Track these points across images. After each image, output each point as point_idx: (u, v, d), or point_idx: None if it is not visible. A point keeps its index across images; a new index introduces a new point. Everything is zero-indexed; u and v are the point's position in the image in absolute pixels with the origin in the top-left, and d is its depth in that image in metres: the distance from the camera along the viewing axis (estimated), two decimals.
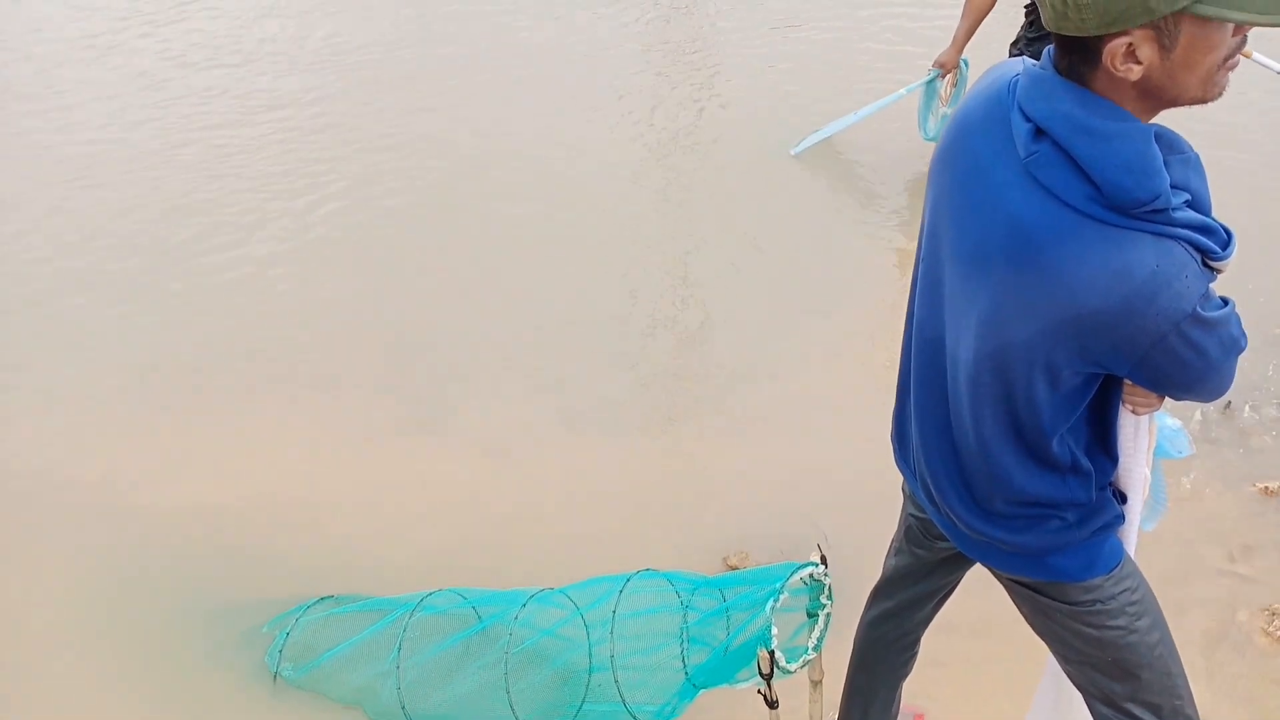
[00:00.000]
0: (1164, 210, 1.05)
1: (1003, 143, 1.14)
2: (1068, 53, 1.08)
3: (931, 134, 3.93)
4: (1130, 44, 1.02)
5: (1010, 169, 1.12)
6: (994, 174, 1.15)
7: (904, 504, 1.66)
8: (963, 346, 1.23)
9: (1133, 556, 1.44)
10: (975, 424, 1.26)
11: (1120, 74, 1.04)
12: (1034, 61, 1.16)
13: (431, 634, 2.19)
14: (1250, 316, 1.17)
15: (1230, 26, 1.01)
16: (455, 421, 2.95)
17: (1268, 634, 2.25)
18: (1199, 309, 1.07)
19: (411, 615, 2.17)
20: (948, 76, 3.79)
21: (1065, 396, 1.20)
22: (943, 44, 3.79)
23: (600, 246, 3.65)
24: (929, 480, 1.39)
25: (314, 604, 2.35)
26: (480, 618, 2.19)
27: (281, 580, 2.46)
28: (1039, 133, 1.10)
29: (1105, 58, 1.04)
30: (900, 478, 1.60)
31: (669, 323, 3.30)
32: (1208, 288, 1.09)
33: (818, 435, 2.84)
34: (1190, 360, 1.12)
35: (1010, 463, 1.27)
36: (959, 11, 3.60)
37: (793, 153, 4.07)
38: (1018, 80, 1.15)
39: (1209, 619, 2.29)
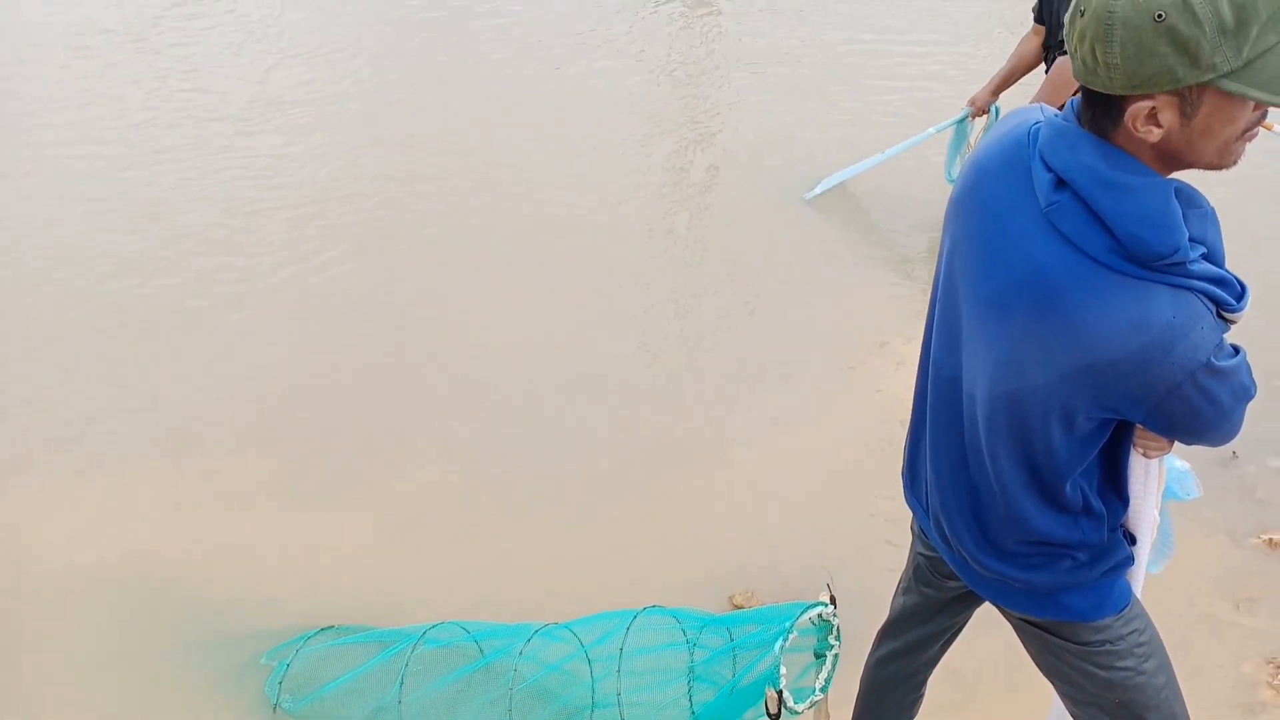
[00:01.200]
0: (1181, 263, 1.08)
1: (1023, 190, 1.16)
2: (1092, 106, 1.11)
3: (956, 176, 3.98)
4: (1153, 107, 1.05)
5: (1030, 217, 1.15)
6: (1014, 221, 1.17)
7: (913, 542, 1.67)
8: (980, 387, 1.25)
9: (1140, 599, 1.45)
10: (992, 463, 1.28)
11: (1140, 135, 1.07)
12: (1055, 111, 1.20)
13: (434, 668, 2.18)
14: (1256, 368, 1.21)
15: (1251, 103, 1.04)
16: (463, 453, 2.95)
17: (1272, 686, 2.24)
18: (1213, 359, 1.10)
19: (414, 648, 2.16)
20: (980, 119, 3.75)
21: (1080, 440, 1.22)
22: (964, 83, 3.79)
23: (607, 295, 3.69)
24: (942, 517, 1.40)
25: (315, 634, 2.34)
26: (484, 652, 2.18)
27: (281, 610, 2.45)
28: (1060, 183, 1.12)
29: (1128, 117, 1.07)
30: (909, 516, 1.61)
31: (671, 358, 3.33)
32: (1221, 338, 1.12)
33: (823, 474, 2.85)
34: (1203, 408, 1.14)
35: (1025, 503, 1.28)
36: (973, 51, 3.59)
37: (806, 198, 4.09)
38: (1039, 129, 1.18)
39: (1214, 671, 2.29)
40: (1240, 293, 1.13)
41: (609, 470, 2.88)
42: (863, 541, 2.57)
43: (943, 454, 1.37)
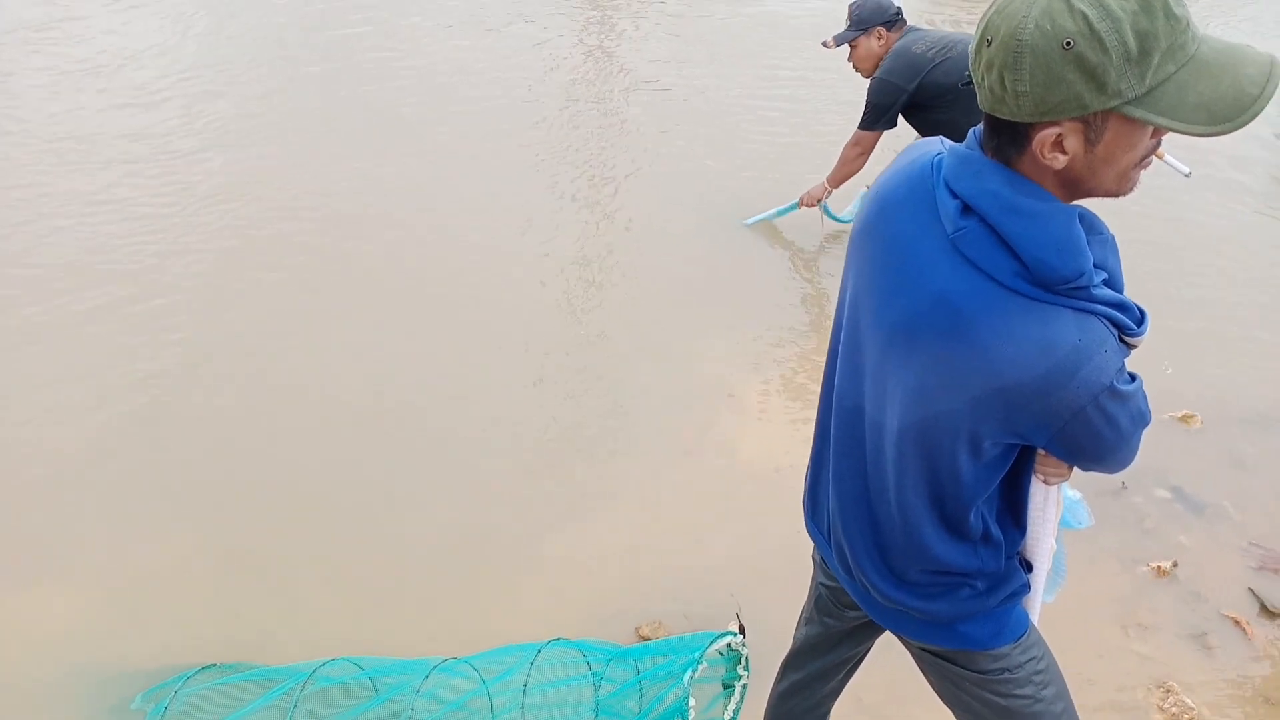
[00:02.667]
0: (1085, 288, 1.10)
1: (928, 218, 1.17)
2: (997, 134, 1.12)
3: (844, 215, 4.12)
4: (1059, 134, 1.06)
5: (936, 245, 1.15)
6: (919, 249, 1.18)
7: (814, 572, 1.66)
8: (887, 416, 1.25)
9: (1036, 627, 1.47)
10: (897, 493, 1.28)
11: (1046, 161, 1.09)
12: (953, 142, 1.22)
13: (326, 707, 2.06)
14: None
15: (1151, 129, 1.06)
16: (336, 481, 2.84)
17: (1163, 710, 2.31)
18: (1115, 383, 1.11)
19: (304, 687, 2.04)
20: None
21: (986, 467, 1.22)
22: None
23: (503, 315, 3.64)
24: (845, 546, 1.39)
25: (194, 674, 2.19)
26: (378, 690, 2.08)
27: (156, 648, 2.29)
28: (966, 209, 1.13)
29: (1034, 144, 1.08)
30: (810, 545, 1.60)
31: (568, 379, 3.29)
32: (1123, 362, 1.14)
33: (729, 502, 2.84)
34: (1104, 432, 1.15)
35: (928, 532, 1.28)
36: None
37: (747, 224, 4.22)
38: (941, 158, 1.19)
39: (1108, 697, 2.34)
40: (1140, 318, 1.15)
41: (503, 502, 2.81)
42: (768, 570, 2.56)
43: (845, 483, 1.36)
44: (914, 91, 3.44)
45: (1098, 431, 1.14)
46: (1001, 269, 1.10)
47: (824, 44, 3.76)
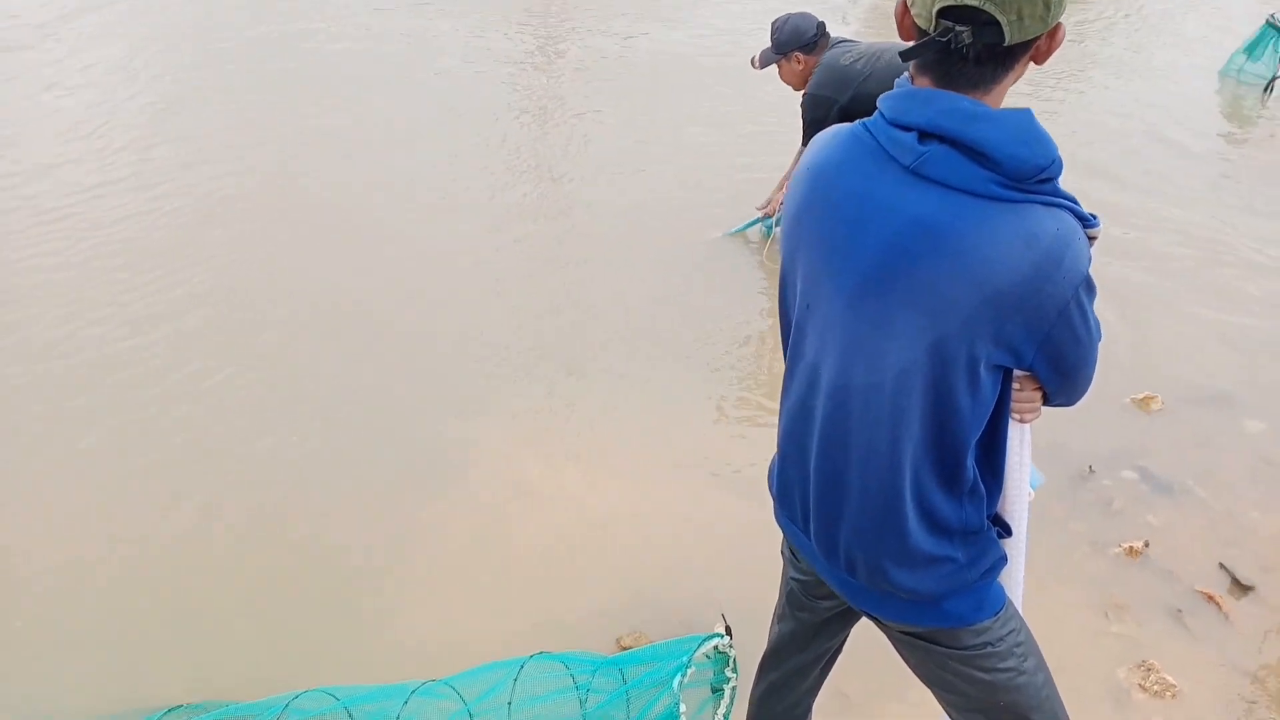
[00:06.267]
0: (1051, 180, 1.15)
1: (874, 166, 1.21)
2: (991, 64, 1.16)
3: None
4: (1052, 30, 1.15)
5: (894, 181, 1.19)
6: (876, 192, 1.20)
7: (784, 569, 1.65)
8: (877, 374, 1.24)
9: (1019, 602, 1.46)
10: (892, 454, 1.26)
11: (1047, 58, 1.18)
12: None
13: None
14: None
15: None
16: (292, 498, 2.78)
17: (1145, 689, 2.32)
18: (1089, 274, 1.17)
19: None
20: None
21: (980, 402, 1.24)
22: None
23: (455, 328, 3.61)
24: (829, 530, 1.37)
25: (161, 716, 2.11)
26: None
27: (122, 692, 2.20)
28: (923, 137, 1.17)
29: (1032, 51, 1.16)
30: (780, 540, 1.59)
31: (539, 380, 3.26)
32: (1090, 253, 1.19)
33: (701, 503, 2.82)
34: (1082, 335, 1.21)
35: (927, 485, 1.28)
36: None
37: (729, 234, 4.27)
38: (862, 123, 1.25)
39: (1090, 679, 2.35)
40: (1091, 214, 1.20)
41: (473, 514, 2.76)
42: (748, 570, 2.53)
43: (835, 466, 1.33)
44: (846, 103, 3.50)
45: (1077, 334, 1.20)
46: (972, 179, 1.14)
47: (751, 63, 3.83)
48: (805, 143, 3.75)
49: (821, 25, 3.69)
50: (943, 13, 1.13)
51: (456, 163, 4.89)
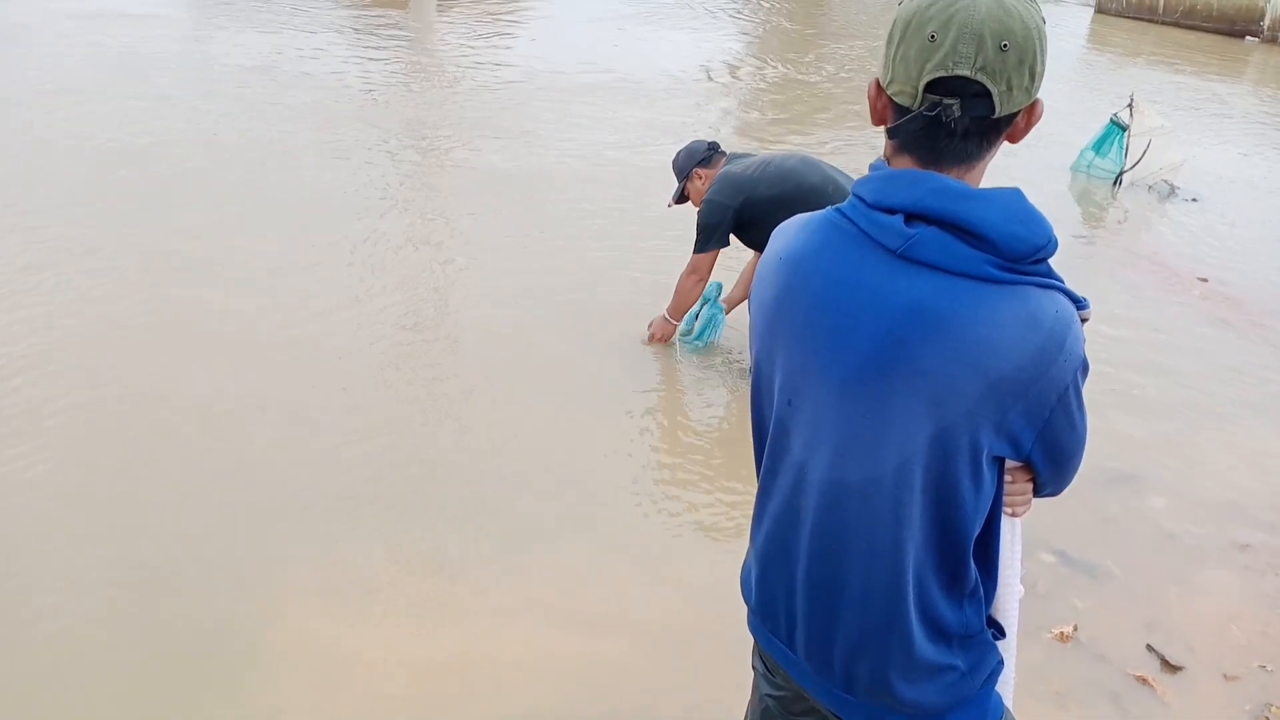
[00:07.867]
0: (1044, 260, 1.11)
1: (856, 252, 1.15)
2: (977, 138, 1.12)
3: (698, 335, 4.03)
4: (1032, 105, 1.13)
5: (881, 268, 1.13)
6: (863, 280, 1.14)
7: (756, 683, 1.51)
8: (884, 464, 1.16)
9: (1010, 706, 1.36)
10: (894, 554, 1.17)
11: (1024, 136, 1.16)
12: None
13: None
14: None
15: None
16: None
17: None
18: (1086, 356, 1.13)
19: None
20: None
21: (982, 495, 1.17)
22: None
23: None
24: (830, 644, 1.26)
25: None
26: None
27: None
28: (910, 219, 1.12)
29: (1014, 126, 1.13)
30: (746, 657, 1.44)
31: (510, 477, 3.03)
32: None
33: (648, 606, 2.63)
34: (1076, 421, 1.17)
35: (932, 590, 1.20)
36: None
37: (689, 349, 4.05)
38: (836, 208, 1.19)
39: None
40: (1082, 296, 1.17)
41: (444, 577, 2.48)
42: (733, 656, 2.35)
43: (828, 572, 1.23)
44: (739, 208, 3.56)
45: (1073, 419, 1.16)
46: (966, 260, 1.09)
47: (668, 205, 3.92)
48: (697, 249, 3.76)
49: (714, 144, 3.87)
50: (930, 86, 1.09)
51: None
